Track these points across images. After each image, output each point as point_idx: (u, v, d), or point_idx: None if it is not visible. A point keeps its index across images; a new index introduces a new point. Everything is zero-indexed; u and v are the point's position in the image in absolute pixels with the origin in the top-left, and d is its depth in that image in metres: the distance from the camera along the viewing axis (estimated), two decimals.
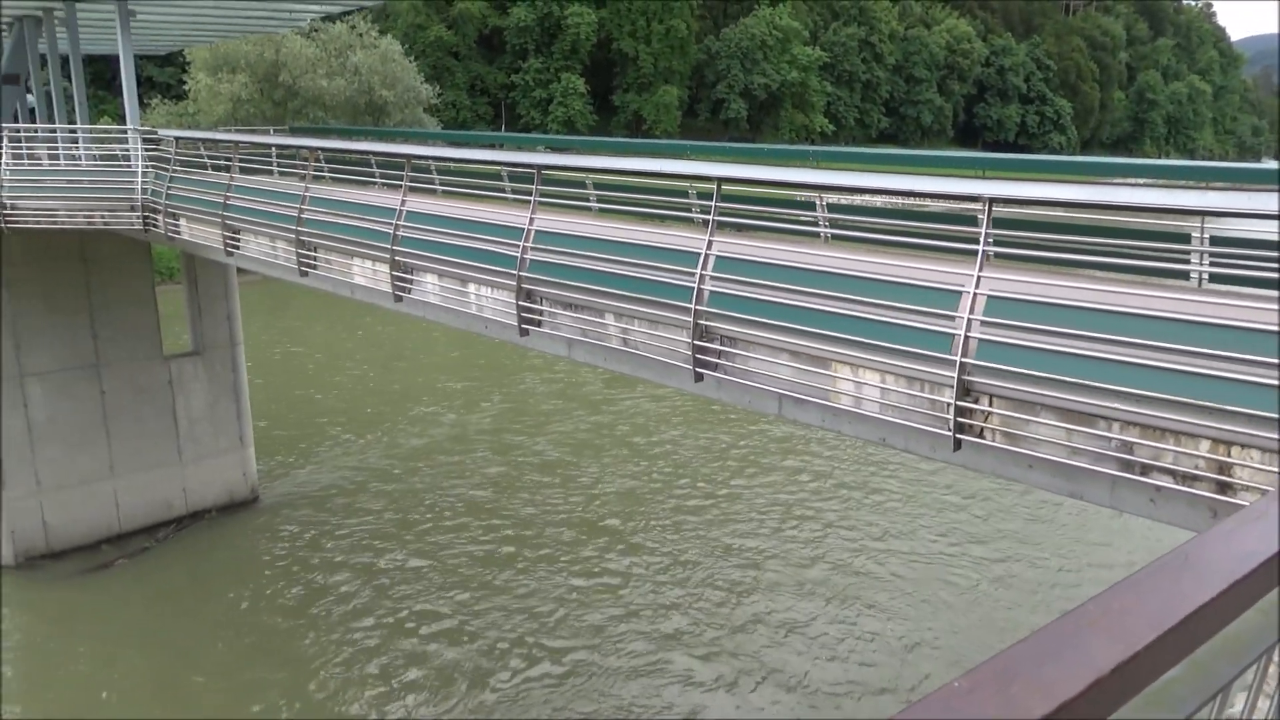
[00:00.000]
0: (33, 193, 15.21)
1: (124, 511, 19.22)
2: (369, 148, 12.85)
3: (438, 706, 13.82)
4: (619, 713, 13.74)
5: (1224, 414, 4.69)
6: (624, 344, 7.84)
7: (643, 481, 22.76)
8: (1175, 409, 4.80)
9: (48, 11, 18.57)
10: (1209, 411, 4.72)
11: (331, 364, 33.92)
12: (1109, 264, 5.74)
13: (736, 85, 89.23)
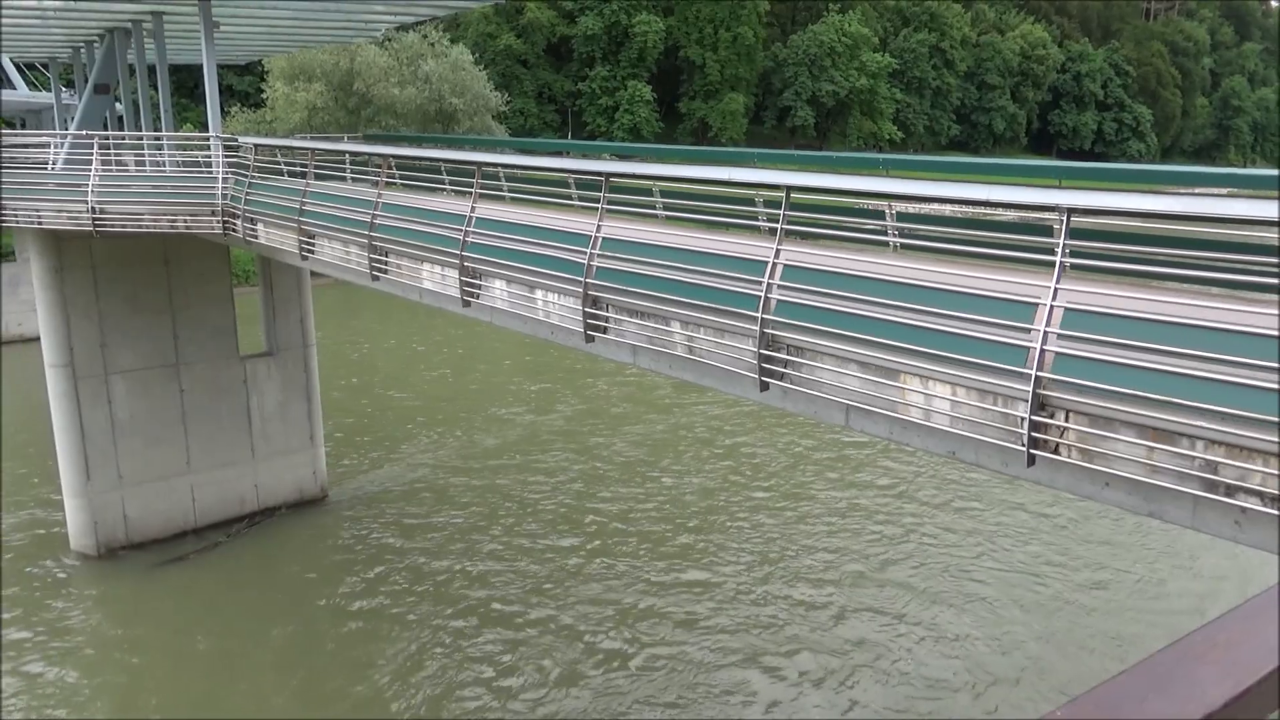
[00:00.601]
0: (120, 197, 15.79)
1: (200, 506, 19.82)
2: (440, 155, 13.06)
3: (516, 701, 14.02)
4: (706, 704, 13.95)
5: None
6: (689, 352, 7.83)
7: (720, 483, 22.99)
8: (1264, 428, 4.61)
9: (136, 23, 19.28)
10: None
11: (406, 366, 34.61)
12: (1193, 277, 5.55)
13: (804, 92, 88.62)
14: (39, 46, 26.14)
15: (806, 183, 7.19)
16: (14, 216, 16.45)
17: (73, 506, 18.69)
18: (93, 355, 18.27)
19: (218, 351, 19.81)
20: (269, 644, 15.70)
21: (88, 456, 18.46)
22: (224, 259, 19.96)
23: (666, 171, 8.73)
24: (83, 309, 18.09)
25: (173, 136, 19.11)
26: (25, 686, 14.42)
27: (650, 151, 27.23)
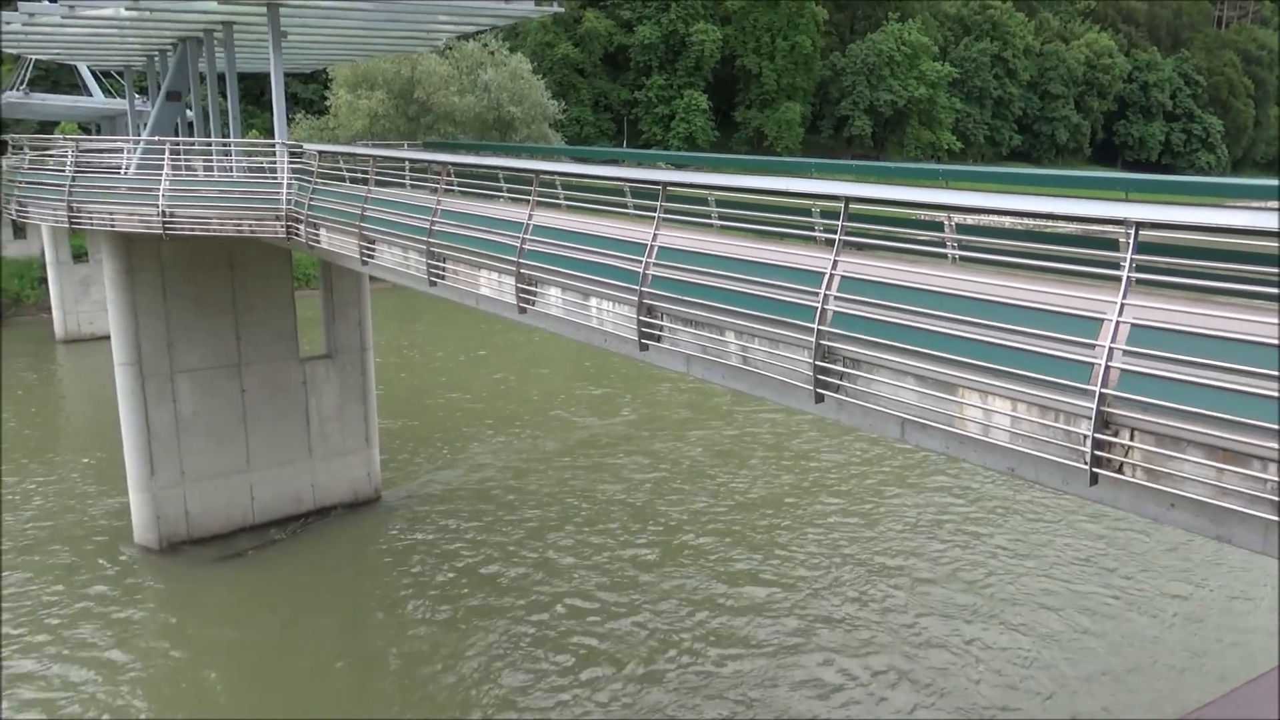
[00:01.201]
0: (189, 202, 16.24)
1: (258, 504, 20.26)
2: (499, 163, 13.22)
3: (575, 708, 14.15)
4: (780, 700, 14.20)
5: None
6: (744, 362, 7.81)
7: (789, 488, 23.06)
8: None
9: (208, 32, 19.85)
10: None
11: (462, 370, 35.10)
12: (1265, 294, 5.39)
13: (861, 102, 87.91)
14: (116, 55, 27.04)
15: (865, 194, 7.15)
16: (89, 219, 17.02)
17: (137, 501, 19.23)
18: (159, 354, 18.80)
19: (278, 353, 20.25)
20: (323, 641, 15.97)
21: (153, 452, 18.99)
22: (286, 262, 20.42)
23: (724, 181, 8.74)
24: (151, 309, 18.64)
25: (240, 143, 19.61)
26: (88, 676, 14.85)
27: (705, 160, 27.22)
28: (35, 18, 18.85)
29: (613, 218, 10.36)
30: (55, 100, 48.62)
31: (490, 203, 12.69)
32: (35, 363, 37.75)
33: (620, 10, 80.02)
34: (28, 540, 19.80)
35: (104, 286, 19.46)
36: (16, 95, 45.88)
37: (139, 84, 34.72)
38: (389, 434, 26.04)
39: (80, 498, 22.29)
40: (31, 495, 22.38)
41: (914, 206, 7.36)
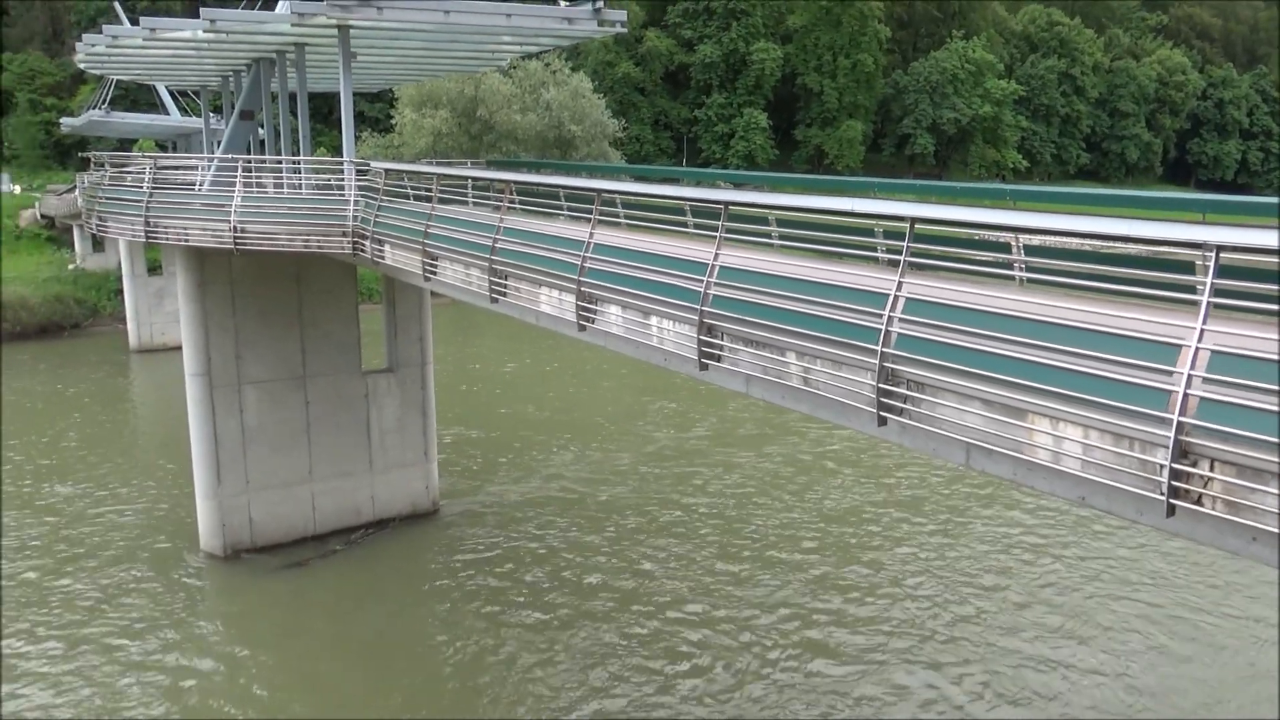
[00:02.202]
0: (259, 218, 16.67)
1: (319, 514, 20.62)
2: (561, 181, 13.34)
3: None
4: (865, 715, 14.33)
5: None
6: (805, 383, 7.73)
7: (867, 503, 23.10)
8: None
9: (281, 53, 20.41)
10: None
11: (522, 384, 35.49)
12: None
13: (924, 119, 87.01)
14: (192, 75, 27.93)
15: (932, 214, 7.03)
16: (164, 234, 17.57)
17: (204, 508, 19.71)
18: (228, 366, 19.30)
19: (342, 366, 20.64)
20: (381, 653, 16.13)
21: (220, 462, 19.46)
22: (351, 277, 20.84)
23: (786, 201, 8.68)
24: (220, 322, 19.16)
25: (309, 161, 20.09)
26: (151, 678, 15.21)
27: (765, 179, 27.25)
28: (118, 40, 19.59)
29: (673, 236, 10.37)
30: (134, 119, 50.45)
31: (551, 221, 12.80)
32: (110, 371, 39.03)
33: (681, 29, 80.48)
34: (98, 544, 20.40)
35: (177, 299, 20.07)
36: (99, 114, 47.71)
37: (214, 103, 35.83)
38: (452, 447, 26.44)
39: (150, 503, 22.92)
40: (103, 500, 23.09)
41: (982, 228, 7.23)
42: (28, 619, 17.07)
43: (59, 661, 15.67)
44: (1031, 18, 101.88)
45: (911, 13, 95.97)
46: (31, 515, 22.20)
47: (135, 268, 42.49)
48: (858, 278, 7.44)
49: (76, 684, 15.02)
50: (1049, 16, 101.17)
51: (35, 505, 22.85)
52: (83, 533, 21.05)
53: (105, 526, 21.42)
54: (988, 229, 7.67)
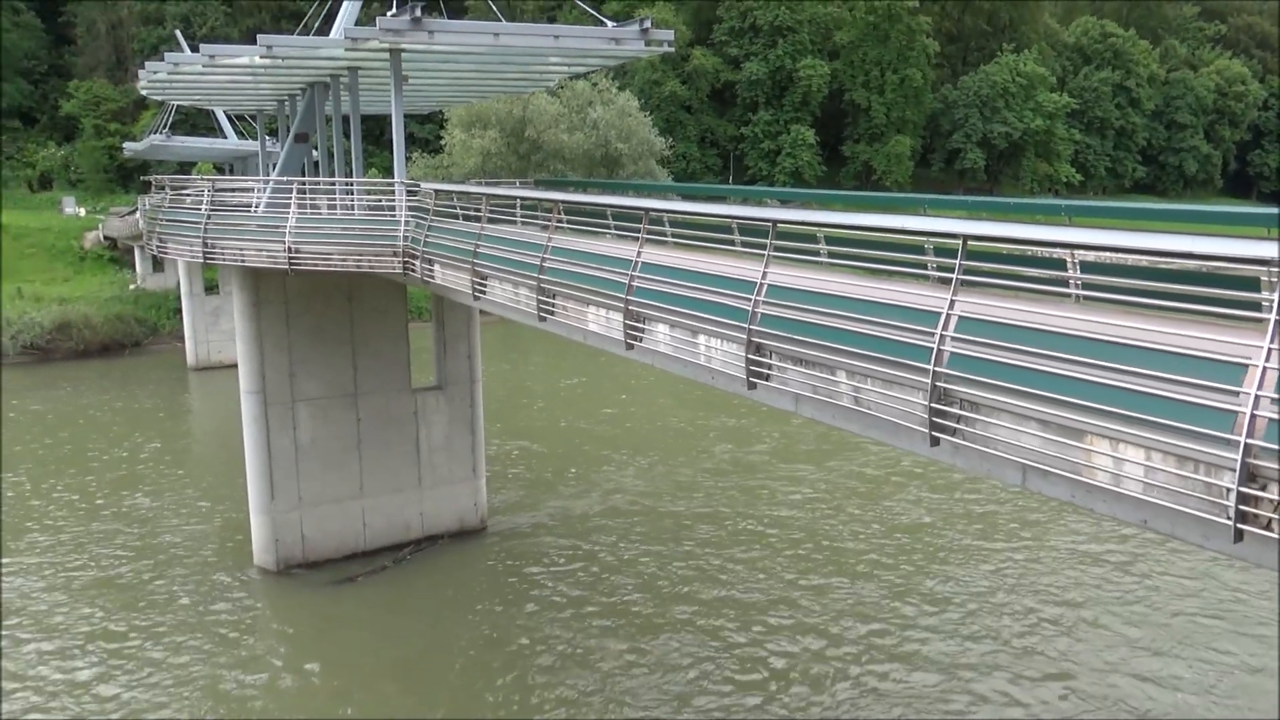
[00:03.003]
0: (313, 238, 17.00)
1: (369, 530, 20.85)
2: (609, 201, 13.40)
3: None
4: None
5: None
6: (855, 402, 7.65)
7: (938, 516, 23.06)
8: None
9: (335, 77, 20.86)
10: None
11: (572, 401, 35.67)
12: None
13: (974, 134, 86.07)
14: (249, 100, 28.66)
15: (985, 231, 6.92)
16: (222, 255, 18.00)
17: (258, 523, 20.05)
18: (282, 383, 19.67)
19: (392, 383, 20.92)
20: (430, 670, 16.23)
21: (273, 477, 19.80)
22: (401, 296, 21.13)
23: (837, 219, 8.62)
24: (275, 340, 19.55)
25: (361, 182, 20.47)
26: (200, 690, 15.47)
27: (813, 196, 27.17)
28: (179, 67, 20.18)
29: (721, 255, 10.35)
30: (193, 142, 51.95)
31: (599, 239, 12.86)
32: (168, 388, 39.98)
33: (728, 47, 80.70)
34: (154, 558, 20.85)
35: (233, 317, 20.51)
36: (160, 138, 49.24)
37: (270, 126, 36.71)
38: (503, 462, 26.68)
39: (204, 518, 23.39)
40: (160, 515, 23.60)
41: (1037, 245, 7.10)
42: (80, 628, 17.46)
43: (109, 673, 15.99)
44: (1084, 29, 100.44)
45: (960, 27, 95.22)
46: (88, 530, 22.75)
47: (193, 287, 43.57)
48: (909, 296, 7.35)
49: (129, 695, 15.31)
50: (1102, 28, 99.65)
51: (95, 518, 23.42)
52: (138, 546, 21.54)
53: (161, 541, 21.88)
54: (1043, 246, 7.54)
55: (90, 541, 21.96)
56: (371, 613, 18.35)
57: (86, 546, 21.65)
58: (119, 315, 46.58)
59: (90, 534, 22.45)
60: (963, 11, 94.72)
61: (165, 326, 47.61)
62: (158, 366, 43.61)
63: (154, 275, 50.26)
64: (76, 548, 21.59)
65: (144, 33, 70.41)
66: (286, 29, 61.14)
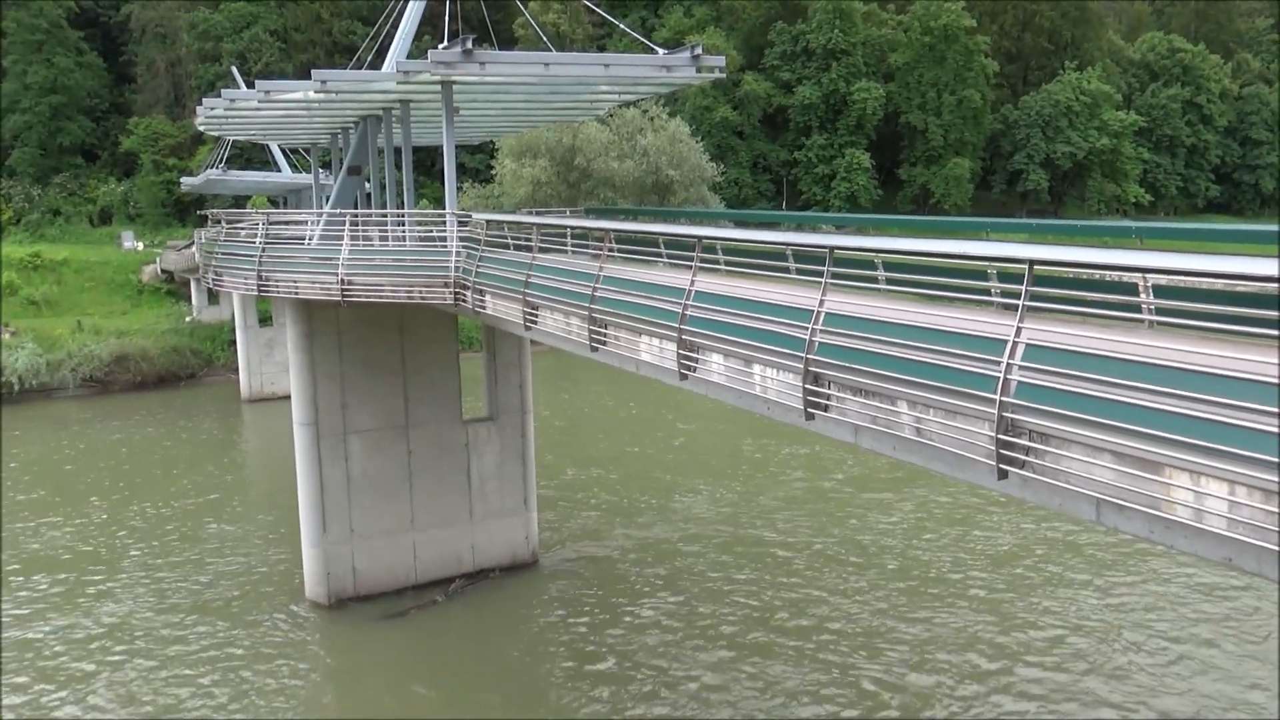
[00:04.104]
0: (365, 270, 17.34)
1: (420, 563, 21.01)
2: (660, 229, 13.48)
3: None
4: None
5: None
6: (918, 434, 7.54)
7: (1034, 544, 22.92)
8: None
9: (387, 110, 21.36)
10: None
11: (645, 429, 35.76)
12: None
13: (1037, 155, 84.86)
14: (303, 134, 29.49)
15: (1052, 256, 6.81)
16: (276, 287, 18.43)
17: (310, 556, 20.32)
18: (334, 415, 20.00)
19: (443, 414, 21.15)
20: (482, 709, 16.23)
21: (325, 510, 20.08)
22: (452, 327, 21.41)
23: (896, 245, 8.56)
24: (328, 372, 19.92)
25: (412, 213, 20.85)
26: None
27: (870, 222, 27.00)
28: (235, 102, 20.84)
29: (776, 282, 10.32)
30: (248, 176, 53.51)
31: (650, 268, 12.92)
32: (222, 420, 40.91)
33: (779, 72, 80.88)
34: (208, 590, 21.23)
35: (286, 349, 20.95)
36: (216, 172, 50.82)
37: (323, 159, 37.66)
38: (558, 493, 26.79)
39: (258, 550, 23.78)
40: (213, 548, 24.05)
41: (1107, 269, 6.96)
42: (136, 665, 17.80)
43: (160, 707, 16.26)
44: (1150, 45, 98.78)
45: (1020, 45, 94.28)
46: (138, 562, 23.26)
47: (247, 319, 44.64)
48: (972, 323, 7.24)
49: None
50: (1169, 43, 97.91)
51: (145, 551, 23.95)
52: (193, 579, 21.94)
53: (212, 574, 22.28)
54: (1113, 270, 7.39)
55: (142, 574, 22.43)
56: (423, 648, 18.44)
57: (138, 579, 22.11)
58: (175, 347, 47.91)
59: (141, 566, 22.93)
60: (1023, 30, 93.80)
61: (220, 358, 48.81)
62: (213, 398, 44.67)
63: (209, 308, 51.64)
64: (129, 582, 22.04)
65: (201, 70, 72.91)
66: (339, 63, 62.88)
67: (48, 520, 26.44)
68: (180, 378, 47.21)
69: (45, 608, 20.51)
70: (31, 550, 24.10)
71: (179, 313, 52.84)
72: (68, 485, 30.17)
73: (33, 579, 22.06)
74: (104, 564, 23.09)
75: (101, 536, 25.13)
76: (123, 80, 78.46)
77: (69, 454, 34.63)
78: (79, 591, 21.36)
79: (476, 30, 40.04)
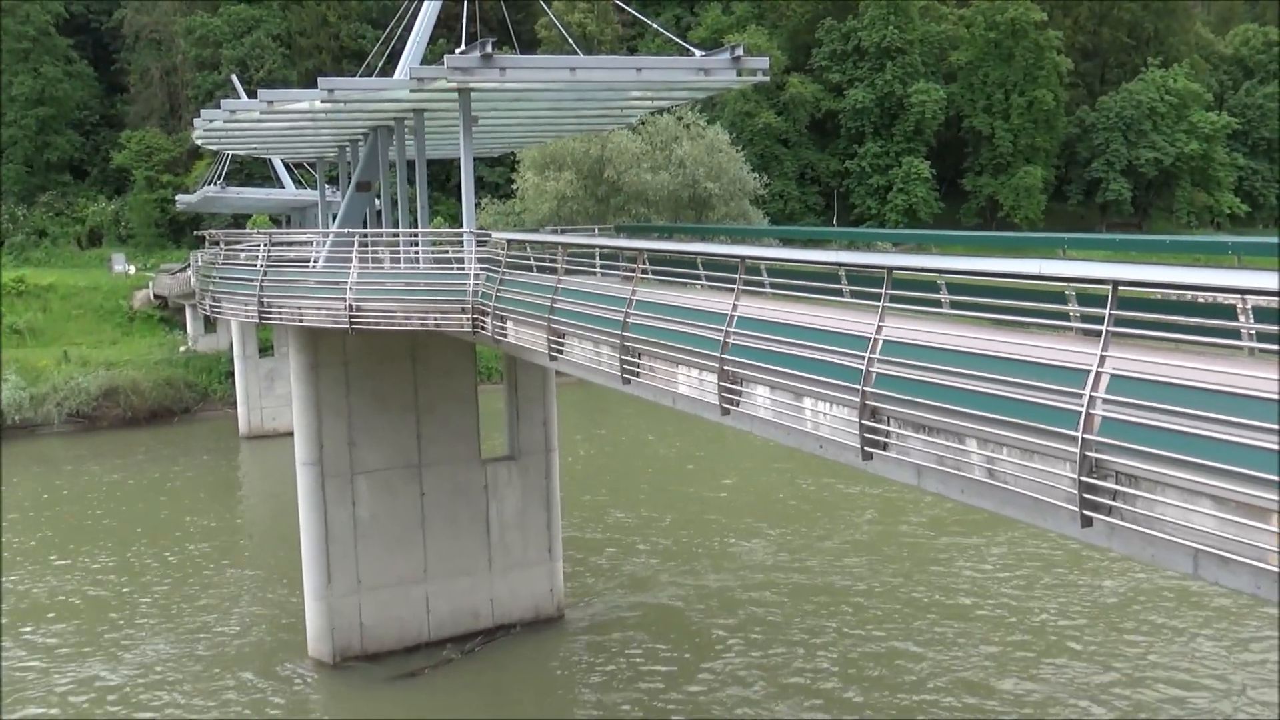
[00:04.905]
0: (375, 295, 17.53)
1: (434, 618, 21.03)
2: (699, 248, 13.52)
3: None
4: None
5: None
6: (989, 475, 7.46)
7: (1137, 588, 22.98)
8: None
9: (399, 120, 21.70)
10: None
11: (661, 470, 35.77)
12: None
13: (1117, 161, 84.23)
14: (309, 147, 30.00)
15: (1138, 276, 6.73)
16: (279, 314, 18.69)
17: (313, 610, 20.41)
18: (340, 454, 20.16)
19: (459, 453, 21.23)
20: None
21: (330, 559, 20.18)
22: (469, 356, 21.55)
23: (962, 265, 8.49)
24: (334, 406, 20.10)
25: (428, 233, 21.09)
26: None
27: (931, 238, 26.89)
28: (236, 114, 21.26)
29: (828, 307, 10.30)
30: (249, 193, 54.47)
31: (687, 291, 12.94)
32: (219, 460, 41.39)
33: (829, 73, 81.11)
34: (200, 647, 21.35)
35: (288, 381, 21.19)
36: (214, 189, 51.75)
37: (330, 174, 38.28)
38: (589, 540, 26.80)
39: (256, 603, 23.93)
40: (204, 603, 24.20)
41: (1203, 290, 6.87)
42: None
43: None
44: (1244, 39, 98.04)
45: (1097, 41, 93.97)
46: (128, 616, 23.47)
47: (247, 349, 45.27)
48: (1049, 351, 7.17)
49: None
50: (1265, 36, 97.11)
51: (137, 601, 24.18)
52: (182, 636, 22.09)
53: (207, 629, 22.42)
54: (1209, 291, 7.30)
55: (129, 627, 22.62)
56: (437, 713, 18.38)
57: (125, 632, 22.30)
58: (168, 380, 48.65)
59: (128, 619, 23.12)
60: (1099, 23, 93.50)
61: (217, 391, 49.48)
62: (209, 435, 45.24)
63: (206, 336, 52.45)
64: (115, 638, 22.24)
65: (199, 78, 74.53)
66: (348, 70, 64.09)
67: (23, 571, 26.82)
68: (174, 413, 47.90)
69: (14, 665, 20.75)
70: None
71: (173, 342, 53.72)
72: (20, 535, 30.60)
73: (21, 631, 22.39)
74: (82, 618, 23.31)
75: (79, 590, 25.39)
76: (114, 90, 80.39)
77: (46, 499, 35.13)
78: (51, 654, 21.49)
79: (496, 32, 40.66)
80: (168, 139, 74.02)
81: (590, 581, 24.55)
